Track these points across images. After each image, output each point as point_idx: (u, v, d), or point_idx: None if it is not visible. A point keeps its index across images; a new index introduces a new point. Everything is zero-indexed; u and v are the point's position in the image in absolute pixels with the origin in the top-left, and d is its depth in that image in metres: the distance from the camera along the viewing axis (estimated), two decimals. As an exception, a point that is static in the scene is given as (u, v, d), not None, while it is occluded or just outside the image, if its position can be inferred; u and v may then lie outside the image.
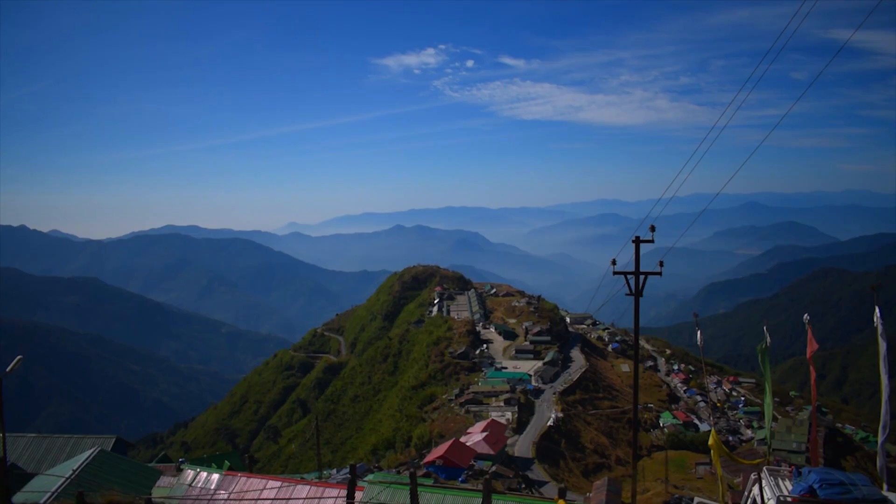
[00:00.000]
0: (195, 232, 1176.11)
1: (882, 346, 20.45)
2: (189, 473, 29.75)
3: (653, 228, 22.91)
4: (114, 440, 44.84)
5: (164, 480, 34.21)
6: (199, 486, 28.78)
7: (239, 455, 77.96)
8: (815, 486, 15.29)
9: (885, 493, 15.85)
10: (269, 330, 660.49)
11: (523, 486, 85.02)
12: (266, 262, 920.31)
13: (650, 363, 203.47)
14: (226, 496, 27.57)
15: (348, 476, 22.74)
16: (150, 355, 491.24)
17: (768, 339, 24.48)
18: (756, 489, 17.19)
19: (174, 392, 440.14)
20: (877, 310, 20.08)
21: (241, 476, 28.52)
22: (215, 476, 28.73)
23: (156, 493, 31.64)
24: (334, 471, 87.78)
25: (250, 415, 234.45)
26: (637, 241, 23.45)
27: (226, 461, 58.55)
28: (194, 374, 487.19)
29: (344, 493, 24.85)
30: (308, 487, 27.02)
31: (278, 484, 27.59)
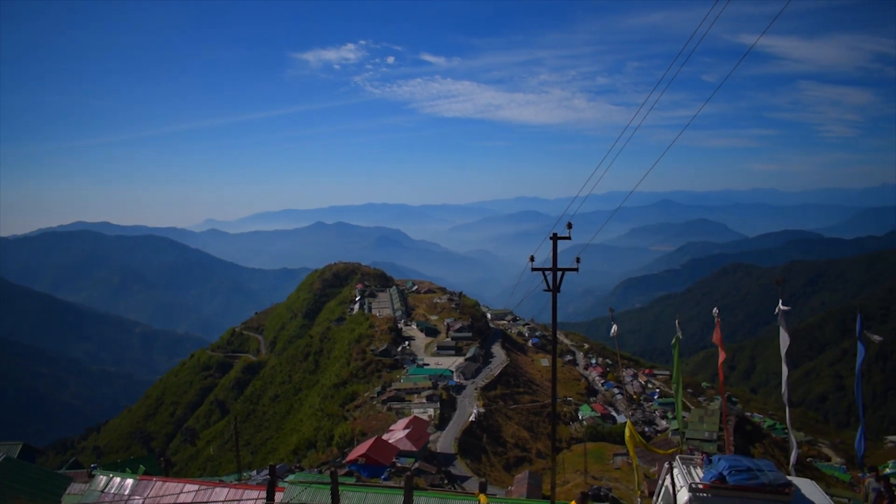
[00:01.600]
0: (107, 229, 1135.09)
1: (783, 337, 21.46)
2: (101, 479, 28.90)
3: (570, 226, 23.34)
4: (20, 447, 43.06)
5: (74, 487, 33.05)
6: (111, 492, 28.00)
7: (154, 459, 76.08)
8: (725, 472, 15.89)
9: (788, 477, 16.60)
10: (185, 329, 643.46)
11: (446, 481, 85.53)
12: (182, 260, 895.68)
13: (569, 357, 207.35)
14: (140, 501, 26.89)
15: (268, 477, 22.46)
16: (59, 357, 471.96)
17: (680, 333, 25.34)
18: (669, 477, 17.74)
19: (85, 395, 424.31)
20: (780, 302, 21.06)
21: (156, 480, 27.89)
22: (129, 481, 28.00)
23: (66, 500, 30.60)
24: (254, 472, 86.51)
25: (166, 417, 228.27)
26: (554, 238, 23.85)
27: (141, 466, 57.10)
28: (107, 376, 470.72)
29: (264, 494, 24.59)
30: (227, 490, 26.63)
31: (196, 487, 27.10)
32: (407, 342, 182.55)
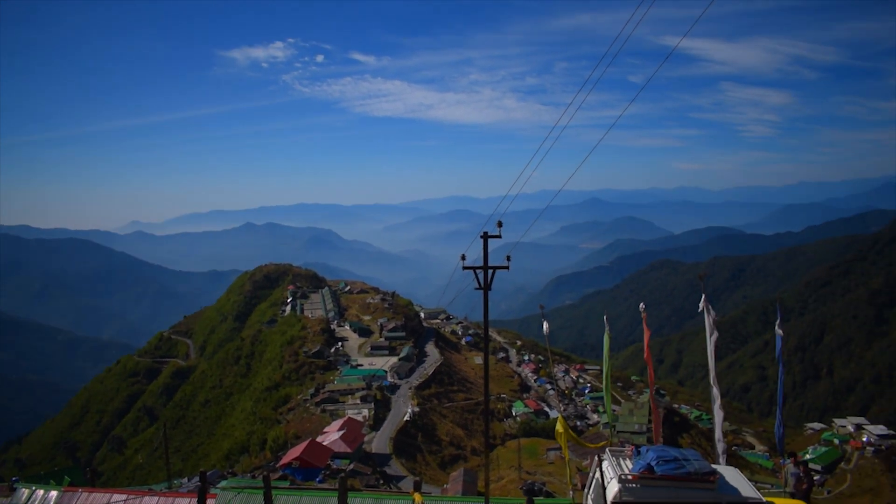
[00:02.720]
0: (25, 232, 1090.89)
1: (708, 330, 22.16)
2: (23, 492, 27.99)
3: (500, 224, 23.57)
4: (-65, 461, 41.21)
5: (-6, 501, 31.89)
6: (35, 504, 27.11)
7: (80, 469, 73.80)
8: (653, 463, 16.36)
9: (714, 465, 17.18)
10: (111, 336, 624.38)
11: (381, 482, 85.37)
12: (106, 264, 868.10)
13: (502, 355, 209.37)
14: (66, 513, 26.12)
15: (199, 484, 22.08)
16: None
17: (608, 329, 25.92)
18: (599, 470, 18.13)
19: (5, 406, 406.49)
20: (703, 297, 21.77)
21: (82, 491, 27.12)
22: (53, 493, 27.17)
23: (-15, 514, 29.50)
24: (185, 479, 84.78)
25: (92, 426, 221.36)
26: (485, 237, 24.08)
27: (66, 477, 55.40)
28: (28, 385, 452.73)
29: (195, 501, 24.17)
30: (156, 498, 26.12)
31: (124, 497, 26.50)
32: (340, 343, 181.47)
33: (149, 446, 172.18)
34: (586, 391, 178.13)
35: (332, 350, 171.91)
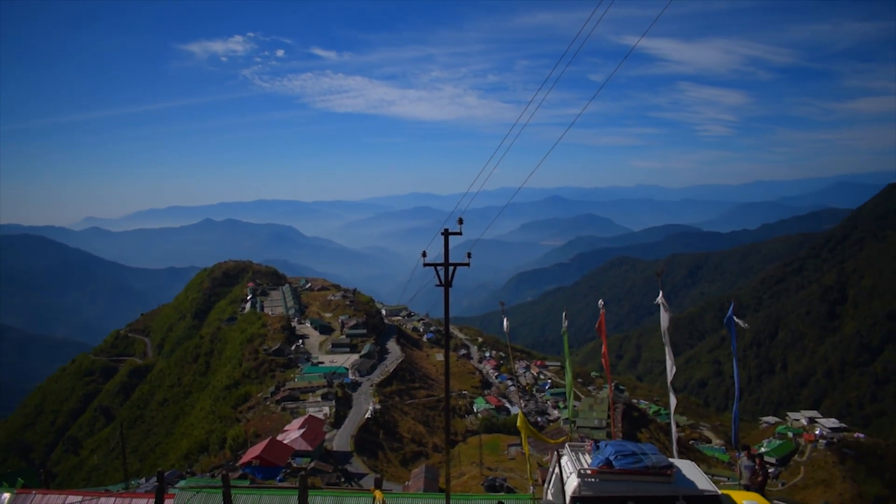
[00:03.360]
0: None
1: (664, 325, 22.52)
2: (-26, 494, 27.34)
3: (461, 221, 23.67)
4: None
5: (-57, 504, 31.12)
6: (-14, 507, 26.56)
7: (34, 471, 72.31)
8: (611, 457, 16.63)
9: (671, 459, 17.49)
10: (65, 334, 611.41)
11: (342, 480, 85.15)
12: (60, 260, 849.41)
13: (463, 351, 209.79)
14: (19, 515, 25.60)
15: (157, 484, 21.80)
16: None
17: (566, 325, 26.25)
18: (559, 465, 18.34)
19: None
20: (660, 293, 22.14)
21: (36, 493, 26.59)
22: (6, 496, 26.61)
23: (-66, 518, 28.77)
24: (143, 480, 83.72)
25: (46, 426, 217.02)
26: (445, 234, 24.16)
27: (19, 479, 54.09)
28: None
29: (153, 502, 23.88)
30: (113, 499, 25.69)
31: (79, 498, 26.02)
32: (301, 340, 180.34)
33: (105, 446, 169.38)
34: (547, 387, 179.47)
35: (293, 347, 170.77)
